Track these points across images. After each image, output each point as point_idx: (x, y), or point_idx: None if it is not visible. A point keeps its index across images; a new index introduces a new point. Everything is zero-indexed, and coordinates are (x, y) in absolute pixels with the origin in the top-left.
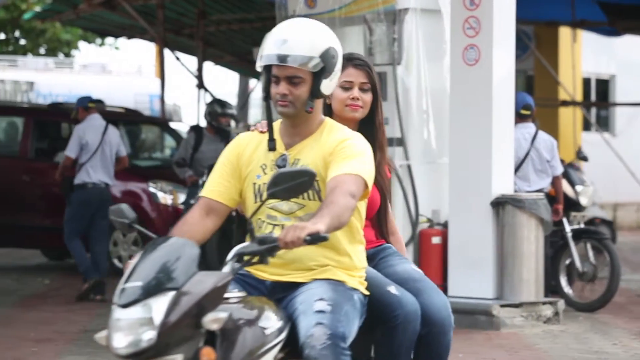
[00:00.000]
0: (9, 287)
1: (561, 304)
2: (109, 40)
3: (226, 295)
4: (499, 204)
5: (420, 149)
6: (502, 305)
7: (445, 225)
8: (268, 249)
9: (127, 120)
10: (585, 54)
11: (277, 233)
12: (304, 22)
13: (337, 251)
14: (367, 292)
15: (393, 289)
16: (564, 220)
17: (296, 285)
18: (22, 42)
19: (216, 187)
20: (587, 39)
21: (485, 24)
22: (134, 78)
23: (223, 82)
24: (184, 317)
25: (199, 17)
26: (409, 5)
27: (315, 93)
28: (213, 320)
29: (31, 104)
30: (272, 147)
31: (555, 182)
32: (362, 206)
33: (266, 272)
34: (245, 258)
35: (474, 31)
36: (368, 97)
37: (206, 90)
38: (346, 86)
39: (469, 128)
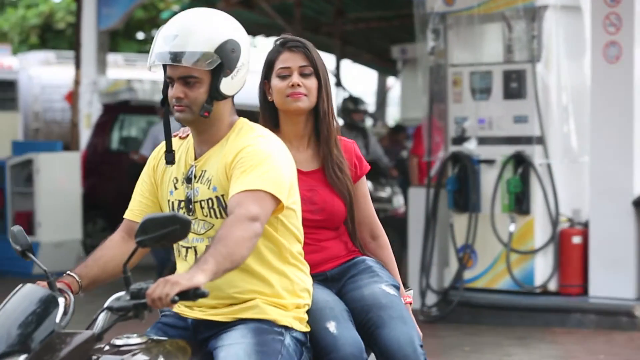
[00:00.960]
0: None
1: None
2: None
3: (120, 342)
4: None
5: (560, 148)
6: None
7: (586, 224)
8: (136, 305)
9: None
10: None
11: (190, 258)
12: (198, 13)
13: (261, 278)
14: (306, 329)
15: (332, 326)
16: None
17: (220, 323)
18: None
19: (136, 206)
20: None
21: (626, 20)
22: None
23: (361, 80)
24: None
25: (336, 15)
26: (548, 2)
27: (213, 94)
28: None
29: None
30: (169, 160)
31: None
32: (293, 217)
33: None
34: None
35: (614, 28)
36: (312, 82)
37: (344, 88)
38: (284, 74)
39: (609, 127)
